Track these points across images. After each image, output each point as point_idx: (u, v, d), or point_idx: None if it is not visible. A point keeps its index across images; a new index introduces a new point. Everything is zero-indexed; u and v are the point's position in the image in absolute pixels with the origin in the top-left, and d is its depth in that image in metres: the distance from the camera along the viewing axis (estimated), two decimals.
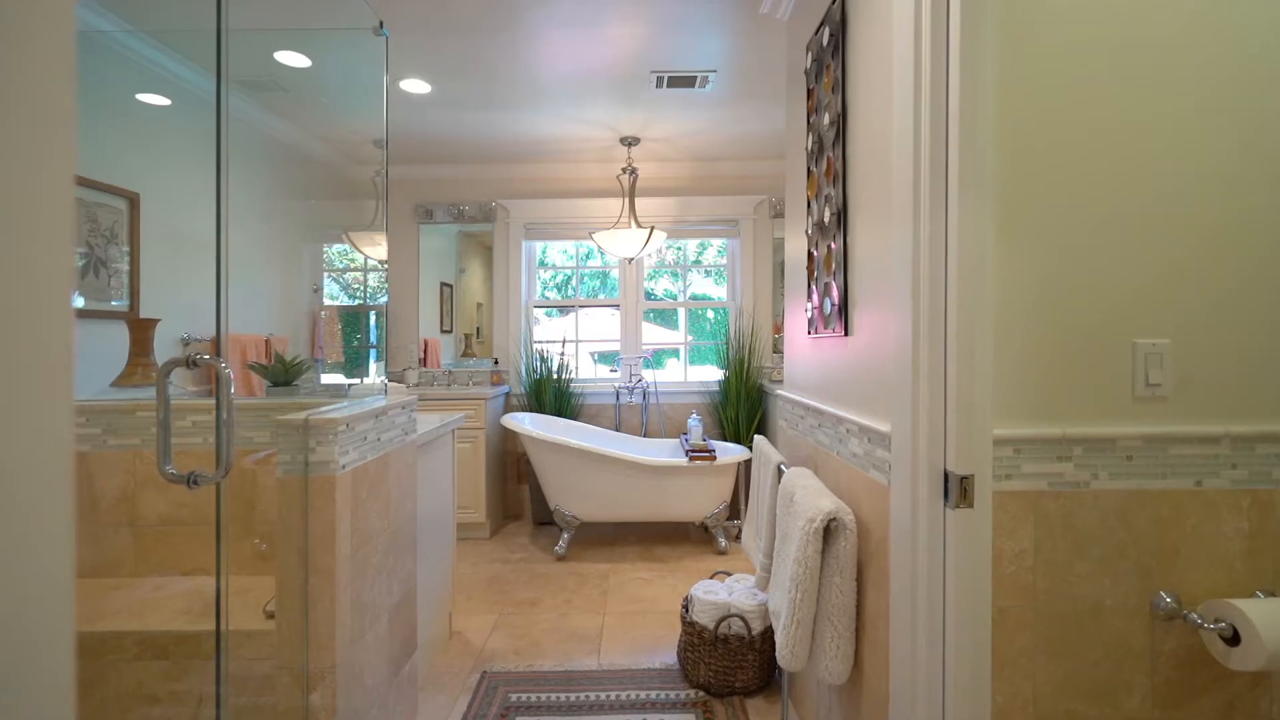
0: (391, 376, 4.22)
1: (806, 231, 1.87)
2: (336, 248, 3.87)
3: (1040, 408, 1.19)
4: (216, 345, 1.21)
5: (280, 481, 1.42)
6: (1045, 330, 1.19)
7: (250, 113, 3.12)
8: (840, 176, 1.58)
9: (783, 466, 1.75)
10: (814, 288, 1.79)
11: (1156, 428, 1.18)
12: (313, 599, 1.43)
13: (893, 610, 1.23)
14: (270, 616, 1.55)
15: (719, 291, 5.41)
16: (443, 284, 4.39)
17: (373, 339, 4.11)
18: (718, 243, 4.63)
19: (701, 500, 3.37)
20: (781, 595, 1.47)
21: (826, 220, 1.67)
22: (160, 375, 1.05)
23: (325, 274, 3.99)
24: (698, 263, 4.85)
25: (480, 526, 3.72)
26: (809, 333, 1.87)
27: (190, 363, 1.08)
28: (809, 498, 1.42)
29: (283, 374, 2.17)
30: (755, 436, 2.09)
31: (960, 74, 1.09)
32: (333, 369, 3.55)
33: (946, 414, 1.13)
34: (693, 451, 3.35)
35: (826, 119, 1.67)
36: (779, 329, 4.23)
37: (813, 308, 1.81)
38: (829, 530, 1.36)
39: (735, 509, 3.62)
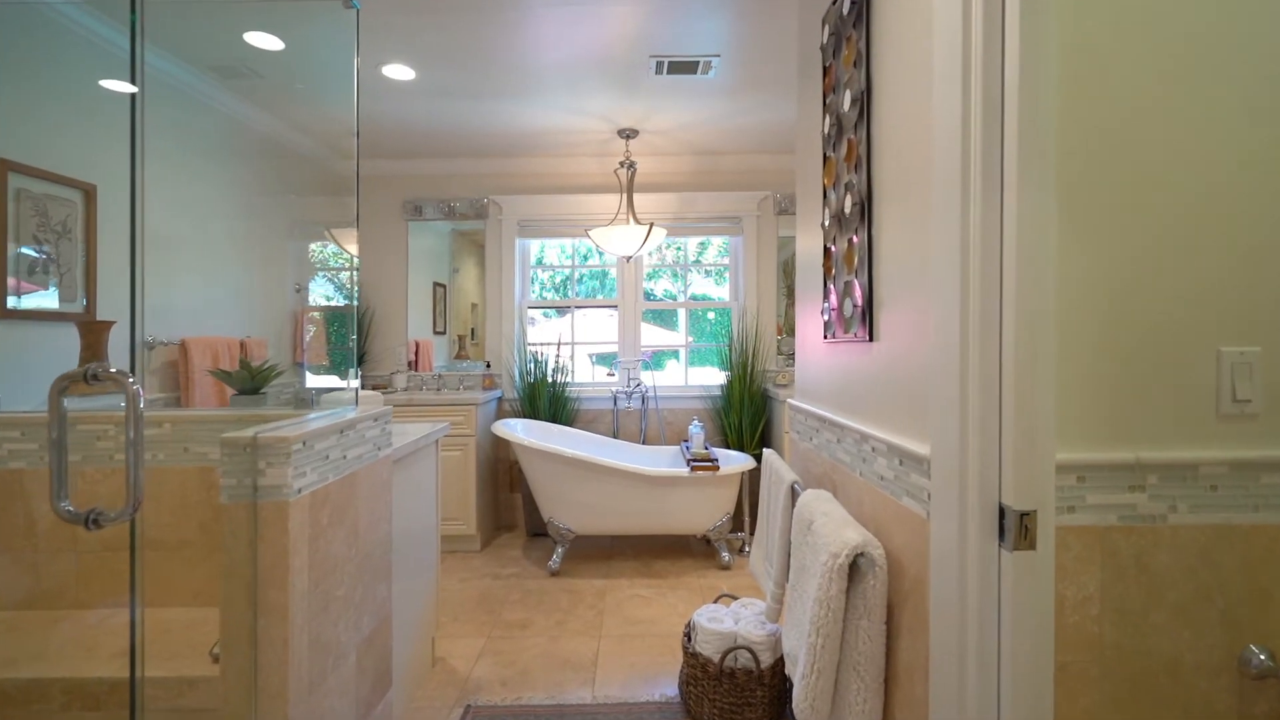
0: (379, 380, 4.04)
1: (822, 225, 1.69)
2: (331, 247, 3.69)
3: (1107, 427, 1.01)
4: (131, 354, 1.03)
5: (225, 509, 1.24)
6: (1113, 335, 1.01)
7: (224, 101, 2.93)
8: (864, 161, 1.40)
9: (797, 487, 1.57)
10: (831, 287, 1.61)
11: (1245, 452, 1.00)
12: (262, 642, 1.25)
13: (933, 663, 1.05)
14: (216, 660, 1.37)
15: (718, 292, 5.23)
16: (435, 284, 4.21)
17: (357, 344, 3.94)
18: (718, 242, 4.45)
19: (703, 512, 3.19)
20: (799, 638, 1.29)
21: (847, 211, 1.49)
22: (53, 396, 0.86)
23: (321, 273, 3.81)
24: (698, 262, 4.68)
25: (470, 539, 3.54)
26: (825, 337, 1.69)
27: (89, 378, 0.90)
28: (831, 527, 1.24)
29: (248, 381, 1.99)
30: (764, 451, 1.91)
31: (1020, 36, 0.91)
32: (319, 373, 3.37)
33: (1002, 436, 0.95)
34: (694, 461, 3.17)
35: (847, 98, 1.49)
36: (783, 330, 4.05)
37: (829, 309, 1.63)
38: (855, 566, 1.18)
39: (739, 521, 3.44)
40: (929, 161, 1.12)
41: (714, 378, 4.19)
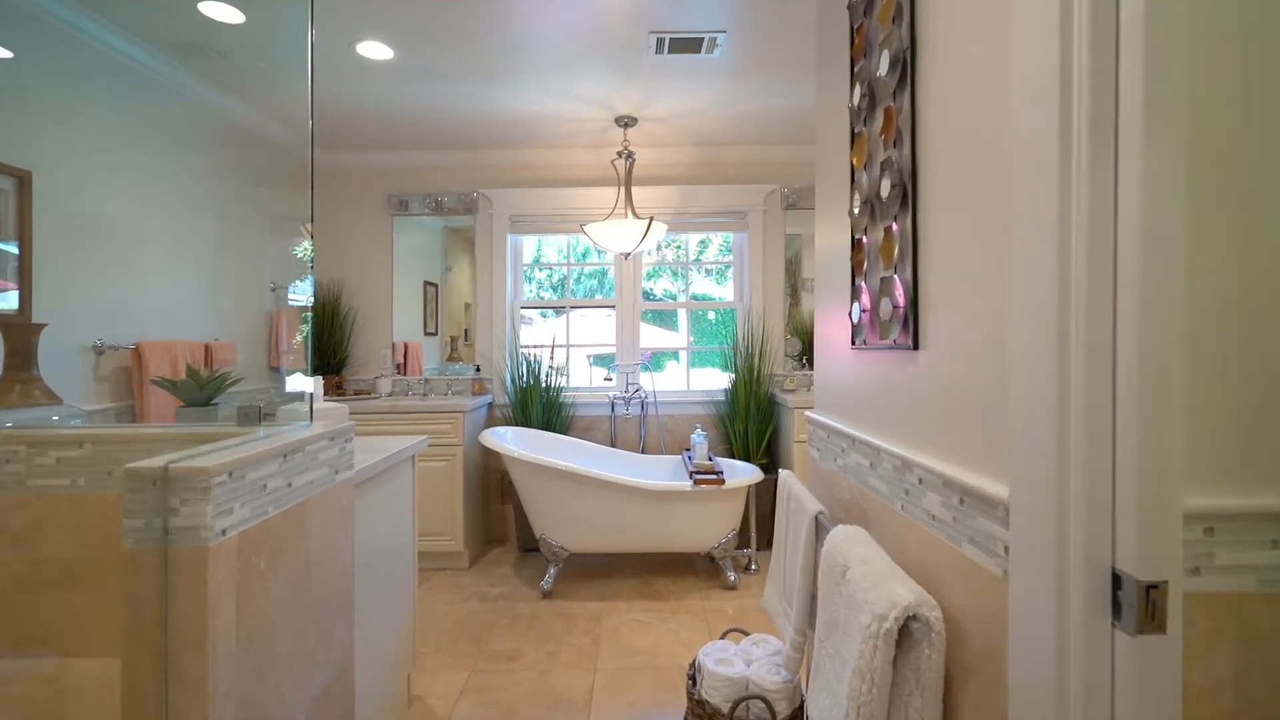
0: (362, 385, 3.81)
1: (850, 213, 1.46)
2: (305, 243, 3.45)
3: (1244, 466, 0.78)
4: None
5: (128, 555, 1.01)
6: (1254, 345, 0.78)
7: (189, 85, 2.70)
8: (905, 134, 1.17)
9: (822, 519, 1.34)
10: (863, 285, 1.38)
11: None
12: None
13: None
14: None
15: (718, 292, 5.01)
16: (427, 283, 3.98)
17: (334, 346, 3.70)
18: (719, 240, 4.22)
19: (708, 529, 2.96)
20: (833, 711, 1.06)
21: (884, 195, 1.26)
22: None
23: (310, 271, 3.58)
24: (699, 259, 4.45)
25: (458, 556, 3.30)
26: (853, 343, 1.46)
27: None
28: (872, 580, 1.01)
29: (195, 391, 1.75)
30: (780, 472, 1.68)
31: None
32: (278, 378, 3.13)
33: (1116, 480, 0.72)
34: (697, 473, 2.94)
35: (884, 60, 1.26)
36: (789, 332, 3.82)
37: (860, 311, 1.40)
38: (905, 630, 0.95)
39: (745, 536, 3.21)
40: (1002, 127, 0.89)
41: (716, 380, 3.97)
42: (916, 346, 1.15)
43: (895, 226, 1.21)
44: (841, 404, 1.57)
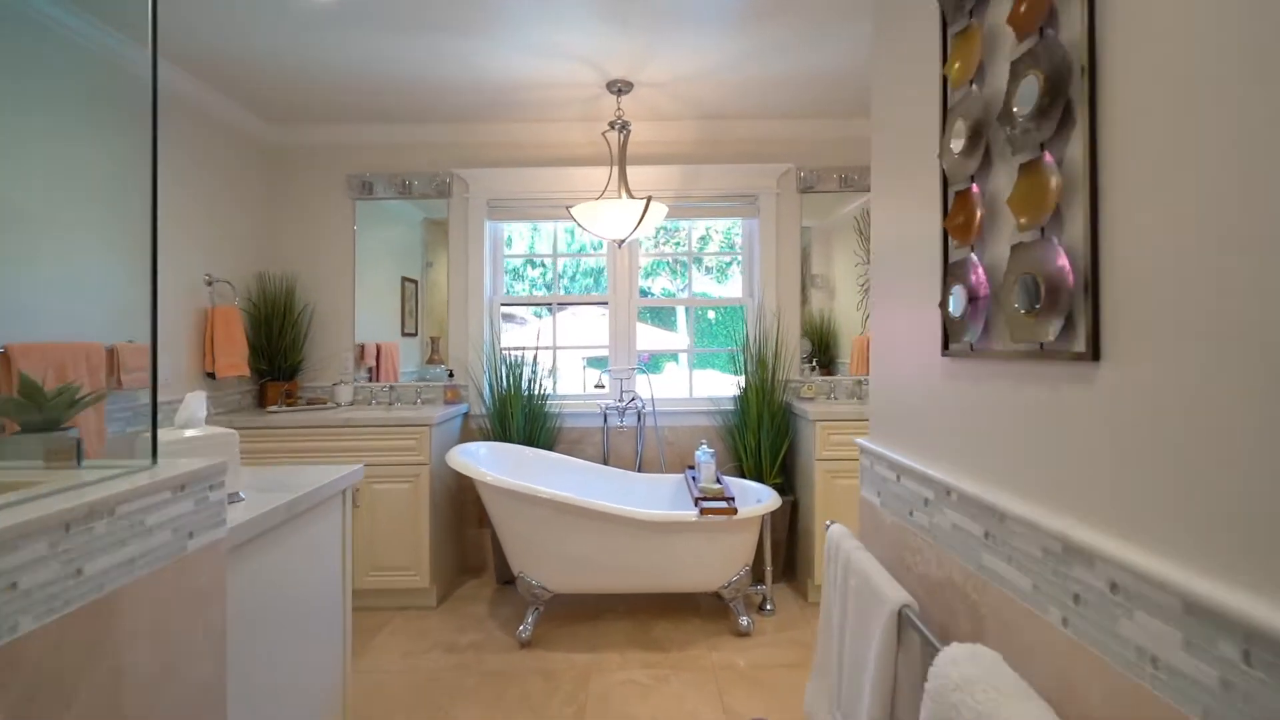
0: (318, 394, 3.33)
1: (944, 154, 0.99)
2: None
3: None
4: None
5: None
6: None
7: (91, 35, 2.22)
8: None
9: (911, 615, 0.87)
10: (971, 260, 0.92)
11: None
12: None
13: None
14: None
15: (720, 291, 4.56)
16: (405, 279, 3.51)
17: (277, 350, 3.20)
18: (719, 236, 3.76)
19: (716, 565, 2.49)
20: None
21: (1021, 109, 0.79)
22: None
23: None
24: (704, 249, 3.98)
25: (423, 593, 2.83)
26: (947, 348, 0.99)
27: None
28: None
29: (29, 411, 1.28)
30: (830, 528, 1.22)
31: None
32: (217, 386, 2.65)
33: None
34: (704, 499, 2.48)
35: None
36: (805, 333, 3.35)
37: (963, 300, 0.93)
38: None
39: (759, 570, 2.75)
40: None
41: (720, 385, 3.50)
42: (1096, 356, 0.68)
43: (1048, 158, 0.74)
44: (922, 434, 1.10)
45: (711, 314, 5.72)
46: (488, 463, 2.78)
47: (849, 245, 3.35)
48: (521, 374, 3.20)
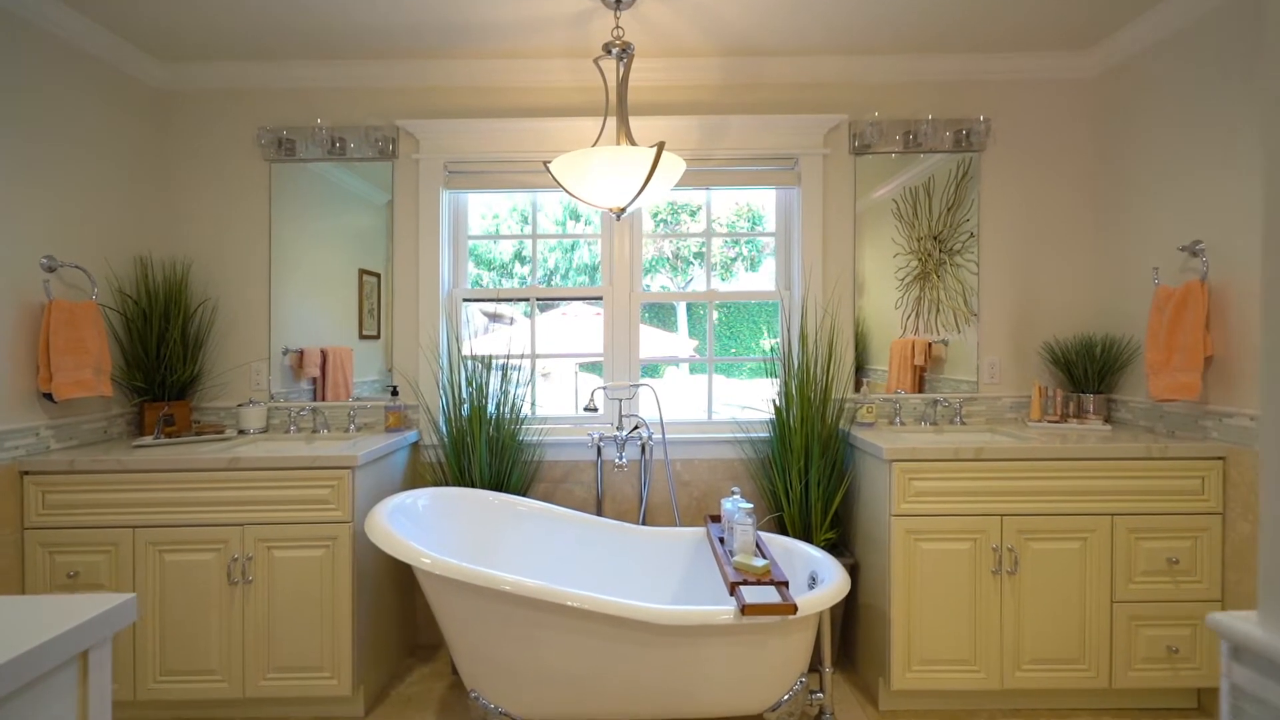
0: (220, 419, 2.52)
1: None
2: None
3: None
4: None
5: None
6: None
7: None
8: None
9: None
10: None
11: None
12: None
13: None
14: None
15: (723, 289, 3.77)
16: (364, 272, 2.69)
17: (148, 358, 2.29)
18: (729, 213, 2.95)
19: (761, 679, 1.70)
20: None
21: None
22: None
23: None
24: (733, 230, 3.18)
25: (343, 703, 2.03)
26: None
27: None
28: None
29: None
30: None
31: None
32: (64, 410, 1.81)
33: None
34: (746, 584, 1.68)
35: None
36: (857, 336, 2.56)
37: None
38: None
39: (816, 657, 1.95)
40: None
41: (737, 391, 2.71)
42: None
43: None
44: None
45: (715, 315, 4.92)
46: (427, 521, 1.98)
47: (885, 233, 2.56)
48: (487, 390, 2.40)
